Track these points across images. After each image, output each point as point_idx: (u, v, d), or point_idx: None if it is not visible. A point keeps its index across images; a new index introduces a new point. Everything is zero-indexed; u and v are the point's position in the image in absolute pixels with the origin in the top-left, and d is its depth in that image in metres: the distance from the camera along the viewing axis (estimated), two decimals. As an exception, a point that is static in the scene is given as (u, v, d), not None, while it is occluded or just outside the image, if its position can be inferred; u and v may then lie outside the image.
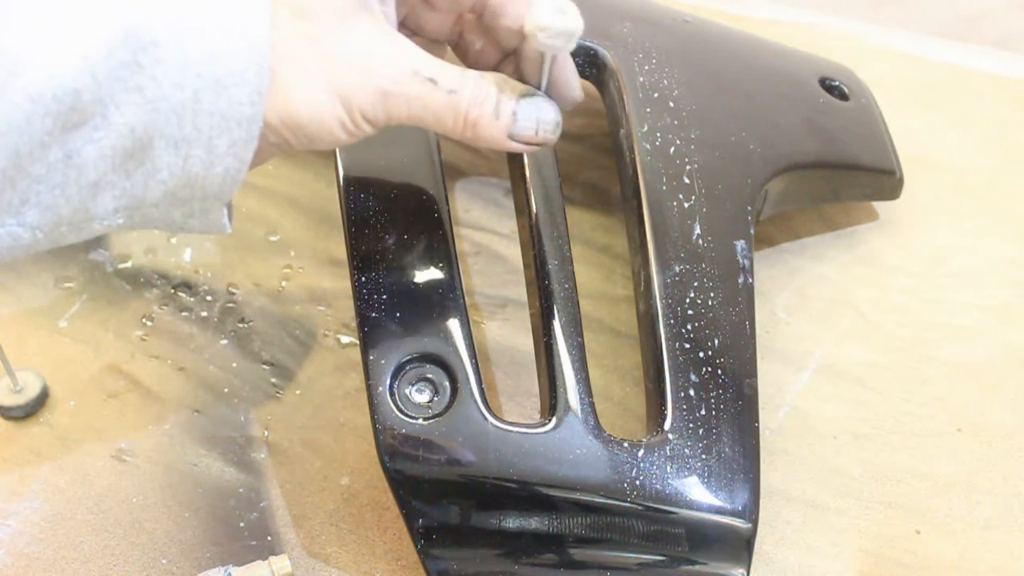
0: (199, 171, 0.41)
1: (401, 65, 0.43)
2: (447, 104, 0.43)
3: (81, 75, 0.37)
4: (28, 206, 0.39)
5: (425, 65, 0.43)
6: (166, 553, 0.53)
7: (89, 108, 0.38)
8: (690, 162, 0.59)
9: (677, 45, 0.65)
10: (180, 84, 0.39)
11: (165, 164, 0.40)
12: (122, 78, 0.38)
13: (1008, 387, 0.61)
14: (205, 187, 0.42)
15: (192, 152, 0.40)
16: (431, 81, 0.43)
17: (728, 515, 0.51)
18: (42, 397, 0.58)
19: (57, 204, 0.39)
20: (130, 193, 0.41)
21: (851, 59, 0.74)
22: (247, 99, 0.40)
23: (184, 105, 0.39)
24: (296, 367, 0.61)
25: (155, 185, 0.41)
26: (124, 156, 0.39)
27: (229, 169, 0.41)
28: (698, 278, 0.55)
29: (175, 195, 0.42)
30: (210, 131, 0.40)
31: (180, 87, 0.39)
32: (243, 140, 0.41)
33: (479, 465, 0.49)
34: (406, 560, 0.53)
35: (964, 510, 0.56)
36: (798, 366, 0.62)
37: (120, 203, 0.41)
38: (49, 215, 0.40)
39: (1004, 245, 0.68)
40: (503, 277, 0.65)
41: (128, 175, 0.40)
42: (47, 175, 0.39)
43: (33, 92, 0.37)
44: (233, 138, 0.40)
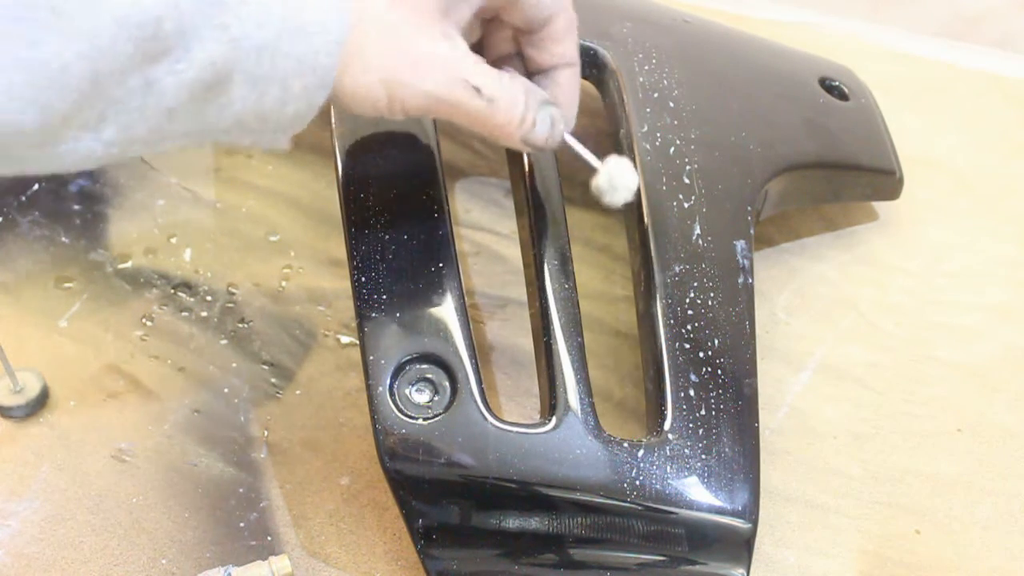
0: (272, 107, 0.43)
1: (453, 73, 0.45)
2: (483, 111, 0.46)
3: (166, 4, 0.39)
4: (106, 123, 0.41)
5: (473, 74, 0.46)
6: (166, 553, 0.53)
7: (171, 39, 0.40)
8: (690, 162, 0.59)
9: (677, 45, 0.65)
10: (263, 24, 0.41)
11: (240, 98, 0.42)
12: (207, 14, 0.40)
13: (1008, 387, 0.61)
14: (276, 121, 0.44)
15: (268, 90, 0.42)
16: (475, 89, 0.45)
17: (728, 515, 0.51)
18: (42, 397, 0.58)
19: (134, 125, 0.41)
20: (203, 120, 0.43)
21: (851, 59, 0.74)
22: (325, 48, 0.42)
23: (265, 46, 0.41)
24: (296, 367, 0.61)
25: (228, 115, 0.43)
26: (203, 88, 0.41)
27: (299, 110, 0.44)
28: (698, 278, 0.55)
29: (245, 125, 0.44)
30: (286, 73, 0.42)
31: (263, 27, 0.41)
32: (316, 86, 0.43)
33: (479, 465, 0.49)
34: (406, 560, 0.53)
35: (964, 510, 0.56)
36: (798, 366, 0.62)
37: (192, 127, 0.43)
38: (126, 134, 0.41)
39: (1003, 245, 0.68)
40: (503, 277, 0.65)
41: (204, 105, 0.42)
42: (126, 98, 0.40)
43: (119, 15, 0.38)
44: (307, 83, 0.43)
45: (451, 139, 0.71)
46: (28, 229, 0.67)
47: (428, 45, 0.45)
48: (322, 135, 0.71)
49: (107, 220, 0.67)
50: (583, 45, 0.63)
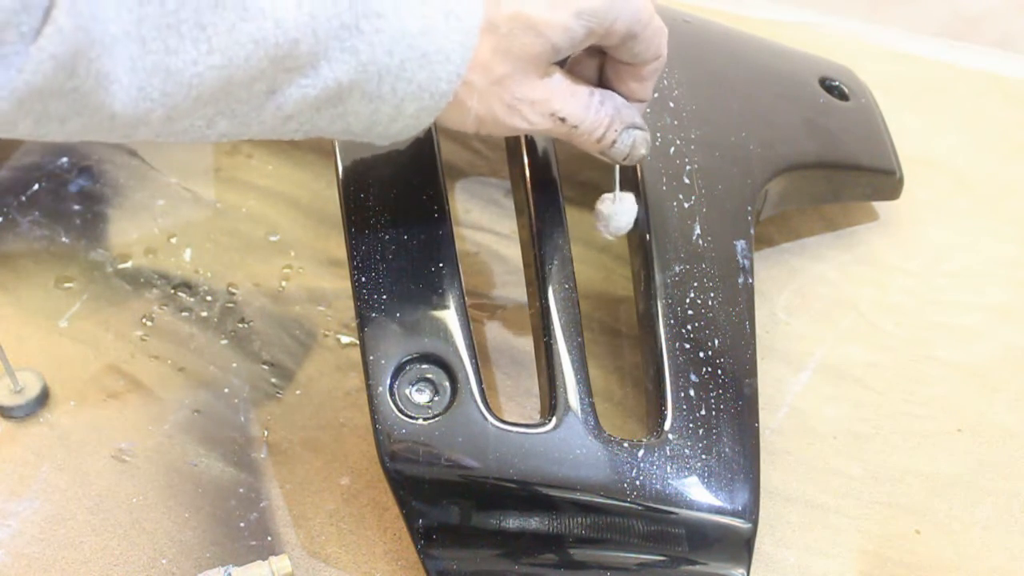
0: (381, 122, 0.45)
1: (543, 110, 0.47)
2: (565, 134, 0.49)
3: (304, 28, 0.41)
4: (222, 117, 0.42)
5: (562, 108, 0.48)
6: (166, 553, 0.53)
7: (303, 59, 0.41)
8: (690, 162, 0.59)
9: (677, 45, 0.65)
10: (391, 52, 0.43)
11: (354, 112, 0.44)
12: (340, 38, 0.42)
13: (1008, 387, 0.61)
14: (381, 134, 0.46)
15: (382, 108, 0.44)
16: (561, 120, 0.48)
17: (728, 515, 0.51)
18: (42, 397, 0.58)
19: (250, 124, 0.43)
20: (315, 124, 0.45)
21: (851, 59, 0.74)
22: (445, 76, 0.44)
23: (389, 70, 0.43)
24: (296, 367, 0.61)
25: (338, 125, 0.45)
26: (322, 102, 0.43)
27: (406, 128, 0.46)
28: (698, 278, 0.55)
29: (350, 132, 0.46)
30: (404, 96, 0.44)
31: (391, 54, 0.43)
32: (429, 110, 0.45)
33: (479, 465, 0.49)
34: (406, 560, 0.53)
35: (964, 510, 0.56)
36: (798, 366, 0.62)
37: (304, 129, 0.45)
38: (239, 130, 0.43)
39: (1003, 245, 0.68)
40: (503, 277, 0.65)
41: (319, 112, 0.44)
42: (247, 103, 0.42)
43: (259, 36, 0.40)
44: (422, 106, 0.45)
45: (451, 139, 0.71)
46: (28, 229, 0.67)
47: (524, 90, 0.46)
48: (322, 135, 0.71)
49: (107, 220, 0.67)
50: (583, 45, 0.63)
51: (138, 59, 0.39)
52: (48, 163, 0.70)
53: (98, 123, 0.40)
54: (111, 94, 0.39)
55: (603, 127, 0.49)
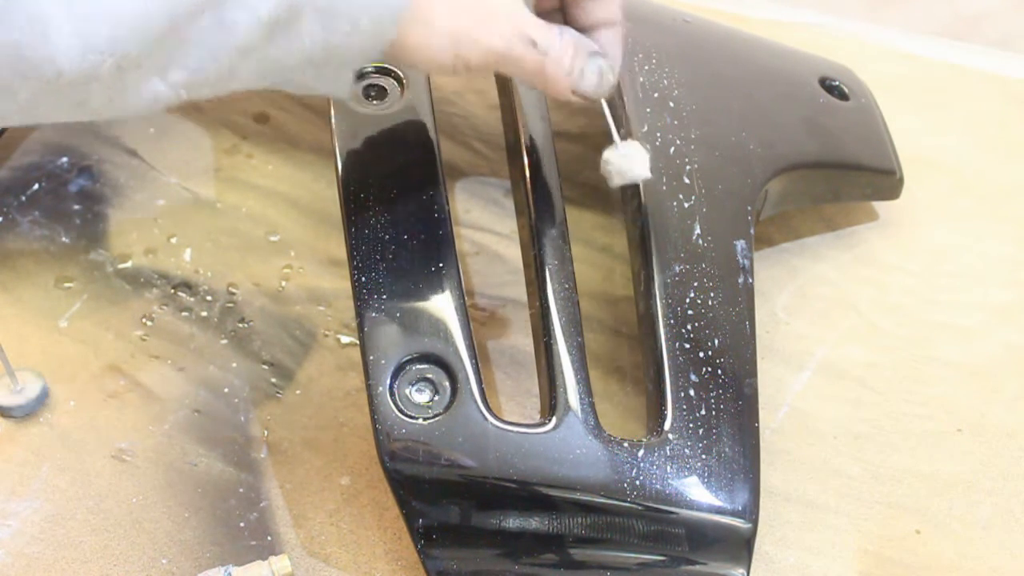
0: (340, 42, 0.44)
1: (515, 27, 0.47)
2: (537, 63, 0.48)
3: None
4: (174, 67, 0.41)
5: (533, 28, 0.48)
6: (166, 553, 0.53)
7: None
8: (690, 162, 0.59)
9: (677, 45, 0.65)
10: None
11: (309, 34, 0.43)
12: None
13: (1008, 387, 0.61)
14: (343, 56, 0.45)
15: (337, 25, 0.43)
16: (533, 43, 0.47)
17: (728, 515, 0.51)
18: (42, 397, 0.58)
19: (204, 67, 0.42)
20: (272, 58, 0.43)
21: (851, 59, 0.74)
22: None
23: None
24: (296, 367, 0.61)
25: (296, 52, 0.44)
26: (274, 25, 0.42)
27: (366, 46, 0.45)
28: (698, 278, 0.55)
29: (312, 61, 0.45)
30: (357, 7, 0.43)
31: None
32: (385, 20, 0.44)
33: (479, 465, 0.49)
34: (406, 560, 0.53)
35: (964, 510, 0.56)
36: (798, 366, 0.62)
37: (262, 67, 0.44)
38: (195, 76, 0.42)
39: (1004, 245, 0.68)
40: (503, 277, 0.65)
41: (273, 42, 0.43)
42: (197, 38, 0.41)
43: None
44: (376, 15, 0.44)
45: (451, 139, 0.71)
46: (28, 229, 0.67)
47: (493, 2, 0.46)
48: (322, 135, 0.71)
49: (107, 220, 0.67)
50: (583, 45, 0.63)
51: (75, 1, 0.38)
52: (48, 163, 0.70)
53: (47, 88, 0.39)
54: (52, 44, 0.38)
55: (569, 55, 0.48)
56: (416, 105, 0.56)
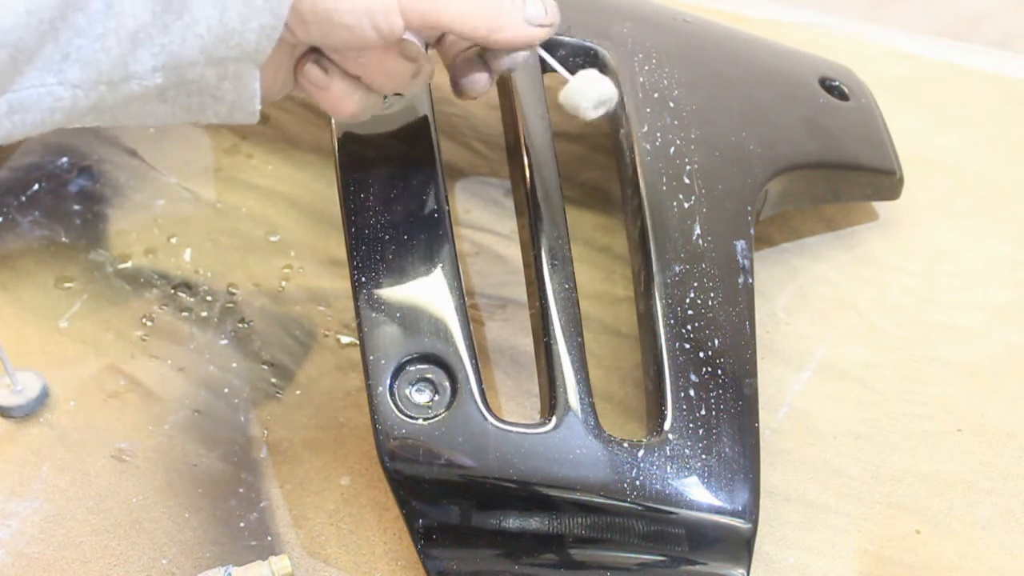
0: (236, 25, 0.42)
1: None
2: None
3: None
4: (69, 62, 0.40)
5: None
6: (166, 553, 0.53)
7: None
8: (690, 162, 0.59)
9: (677, 45, 0.65)
10: None
11: (203, 16, 0.41)
12: None
13: (1008, 387, 0.61)
14: (241, 44, 0.43)
15: (229, 3, 0.41)
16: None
17: (728, 515, 0.51)
18: (42, 397, 0.58)
19: (97, 58, 0.40)
20: (168, 49, 0.42)
21: (851, 59, 0.74)
22: None
23: None
24: (296, 367, 0.61)
25: (192, 40, 0.42)
26: (163, 4, 0.41)
27: (264, 26, 0.42)
28: (698, 278, 0.55)
29: (211, 54, 0.42)
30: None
31: None
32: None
33: (479, 465, 0.49)
34: (406, 560, 0.53)
35: (964, 510, 0.56)
36: (798, 366, 0.62)
37: (158, 60, 0.42)
38: (89, 71, 0.41)
39: (1004, 245, 0.68)
40: (503, 277, 0.65)
41: (166, 28, 0.41)
42: (88, 27, 0.40)
43: None
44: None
45: (451, 139, 0.71)
46: (28, 229, 0.67)
47: None
48: (322, 135, 0.71)
49: (107, 220, 0.67)
50: (583, 45, 0.63)
51: None
52: (48, 163, 0.70)
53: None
54: None
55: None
56: (416, 105, 0.56)
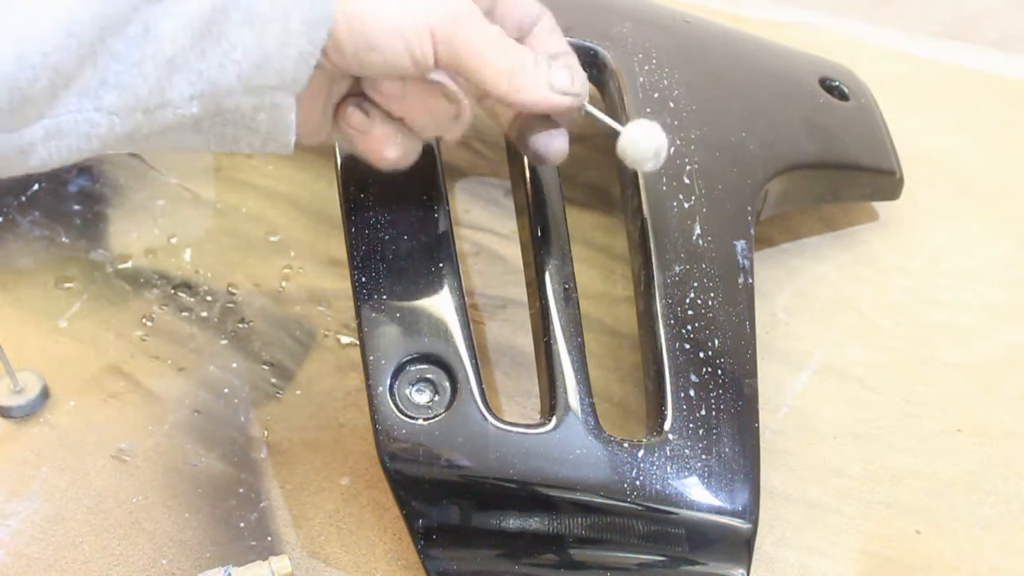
0: (273, 51, 0.42)
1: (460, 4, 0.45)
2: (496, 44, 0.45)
3: None
4: (106, 88, 0.40)
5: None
6: (166, 553, 0.53)
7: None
8: (690, 162, 0.59)
9: (677, 45, 0.65)
10: None
11: (240, 42, 0.41)
12: None
13: (1008, 387, 0.61)
14: (279, 71, 0.42)
15: (267, 29, 0.41)
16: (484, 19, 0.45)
17: (728, 515, 0.51)
18: (42, 397, 0.58)
19: (134, 84, 0.40)
20: (205, 76, 0.41)
21: (851, 59, 0.74)
22: None
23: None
24: (296, 367, 0.61)
25: (230, 66, 0.41)
26: (201, 30, 0.40)
27: (303, 52, 0.42)
28: (698, 278, 0.55)
29: (249, 82, 0.42)
30: (285, 7, 0.41)
31: None
32: (317, 19, 0.42)
33: (479, 465, 0.49)
34: (406, 560, 0.53)
35: (964, 510, 0.56)
36: (798, 366, 0.62)
37: (195, 88, 0.41)
38: (126, 97, 0.40)
39: (1004, 245, 0.68)
40: (503, 277, 0.65)
41: (204, 54, 0.41)
42: (126, 52, 0.40)
43: None
44: (306, 16, 0.41)
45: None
46: (28, 229, 0.67)
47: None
48: (322, 135, 0.71)
49: (107, 220, 0.67)
50: (583, 45, 0.63)
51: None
52: (48, 163, 0.70)
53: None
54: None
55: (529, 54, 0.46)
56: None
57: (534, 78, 0.46)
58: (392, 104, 0.47)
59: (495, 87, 0.46)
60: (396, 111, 0.47)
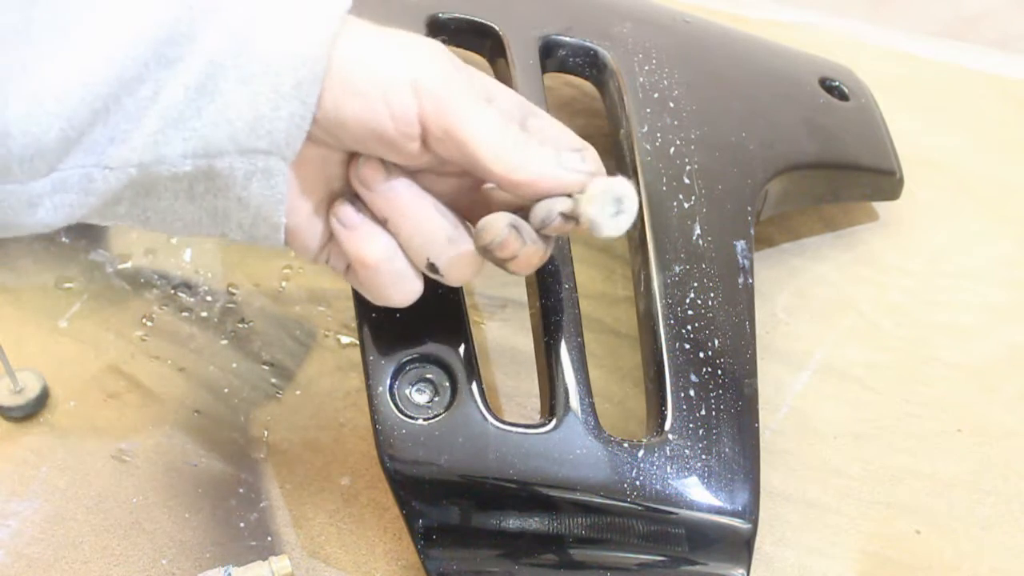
0: (266, 111, 0.41)
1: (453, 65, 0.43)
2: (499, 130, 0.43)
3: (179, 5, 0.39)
4: (114, 144, 0.40)
5: None
6: (166, 553, 0.53)
7: (183, 42, 0.40)
8: (690, 162, 0.59)
9: (677, 45, 0.65)
10: (254, 19, 0.41)
11: (234, 101, 0.41)
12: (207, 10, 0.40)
13: (1008, 387, 0.61)
14: (271, 132, 0.42)
15: (259, 90, 0.41)
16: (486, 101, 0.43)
17: (728, 515, 0.51)
18: (42, 397, 0.58)
19: (131, 138, 0.40)
20: (199, 133, 0.41)
21: (851, 59, 0.74)
22: (316, 39, 0.41)
23: (256, 38, 0.41)
24: (296, 367, 0.61)
25: (223, 125, 0.41)
26: (198, 86, 0.40)
27: (294, 114, 0.41)
28: (698, 278, 0.55)
29: (241, 143, 0.42)
30: (278, 67, 0.41)
31: (253, 23, 0.41)
32: (308, 80, 0.41)
33: (479, 465, 0.49)
34: (406, 560, 0.53)
35: (964, 510, 0.56)
36: (798, 366, 0.62)
37: (188, 146, 0.41)
38: (123, 149, 0.41)
39: (1004, 245, 0.68)
40: (503, 277, 0.65)
41: (199, 112, 0.41)
42: (135, 111, 0.40)
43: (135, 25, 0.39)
44: (298, 77, 0.41)
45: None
46: (28, 229, 0.67)
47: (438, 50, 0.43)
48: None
49: (107, 220, 0.67)
50: (583, 45, 0.63)
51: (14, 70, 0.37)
52: (48, 163, 0.70)
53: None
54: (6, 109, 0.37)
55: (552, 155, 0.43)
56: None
57: (539, 155, 0.43)
58: (375, 199, 0.45)
59: (490, 164, 0.42)
60: (379, 208, 0.45)
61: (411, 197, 0.45)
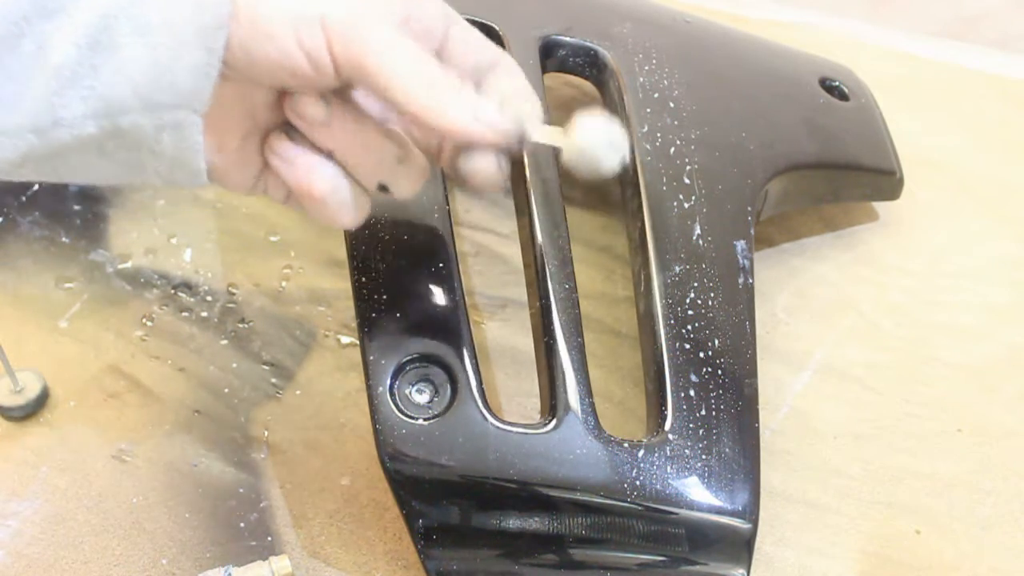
0: (167, 62, 0.38)
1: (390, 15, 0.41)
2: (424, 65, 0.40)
3: None
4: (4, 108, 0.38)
5: None
6: (166, 553, 0.53)
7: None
8: (690, 162, 0.59)
9: (677, 45, 0.65)
10: None
11: (132, 56, 0.38)
12: None
13: (1008, 387, 0.61)
14: (175, 84, 0.39)
15: (159, 40, 0.38)
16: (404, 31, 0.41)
17: (728, 515, 0.51)
18: (42, 397, 0.58)
19: (22, 99, 0.38)
20: (98, 92, 0.38)
21: (851, 59, 0.74)
22: None
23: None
24: (296, 367, 0.61)
25: (123, 82, 0.38)
26: (91, 41, 0.38)
27: (198, 64, 0.39)
28: (698, 278, 0.55)
29: (146, 98, 0.39)
30: (177, 15, 0.38)
31: None
32: (212, 27, 0.38)
33: (479, 465, 0.49)
34: (406, 560, 0.53)
35: (964, 510, 0.56)
36: (798, 366, 0.62)
37: (88, 106, 0.39)
38: (15, 115, 0.38)
39: (1004, 245, 0.68)
40: (503, 277, 0.65)
41: (95, 69, 0.38)
42: (20, 71, 0.38)
43: None
44: (200, 24, 0.38)
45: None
46: (28, 229, 0.67)
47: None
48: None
49: (107, 220, 0.67)
50: (583, 45, 0.63)
51: None
52: (48, 163, 0.70)
53: None
54: None
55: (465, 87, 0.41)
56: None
57: (455, 100, 0.41)
58: (317, 133, 0.43)
59: (407, 102, 0.40)
60: (322, 142, 0.43)
61: (354, 127, 0.43)
